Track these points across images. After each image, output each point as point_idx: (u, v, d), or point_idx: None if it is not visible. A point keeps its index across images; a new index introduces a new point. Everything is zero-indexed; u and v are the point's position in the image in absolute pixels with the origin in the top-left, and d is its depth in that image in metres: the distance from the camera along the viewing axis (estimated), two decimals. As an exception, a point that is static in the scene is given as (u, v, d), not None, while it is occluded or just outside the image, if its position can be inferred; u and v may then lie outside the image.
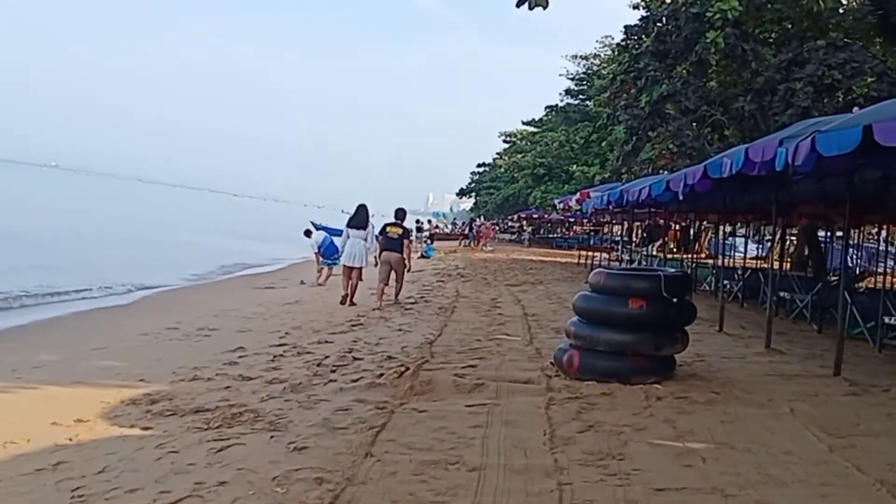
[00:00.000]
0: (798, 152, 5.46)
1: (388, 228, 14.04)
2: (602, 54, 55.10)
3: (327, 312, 12.97)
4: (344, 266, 14.26)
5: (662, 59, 19.25)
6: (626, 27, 21.58)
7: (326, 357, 8.28)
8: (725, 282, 17.33)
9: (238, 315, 13.01)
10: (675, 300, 6.75)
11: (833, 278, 19.71)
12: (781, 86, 16.70)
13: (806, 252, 32.27)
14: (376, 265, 14.02)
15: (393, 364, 7.71)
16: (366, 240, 14.08)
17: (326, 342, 9.54)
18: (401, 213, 14.73)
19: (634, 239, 38.22)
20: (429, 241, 35.07)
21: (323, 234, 20.38)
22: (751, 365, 8.04)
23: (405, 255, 13.93)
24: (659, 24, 19.26)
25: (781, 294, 13.76)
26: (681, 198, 9.40)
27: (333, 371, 7.46)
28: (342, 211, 59.80)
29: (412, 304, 14.07)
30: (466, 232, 49.75)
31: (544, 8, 5.14)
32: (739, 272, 18.59)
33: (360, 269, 14.12)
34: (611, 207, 17.92)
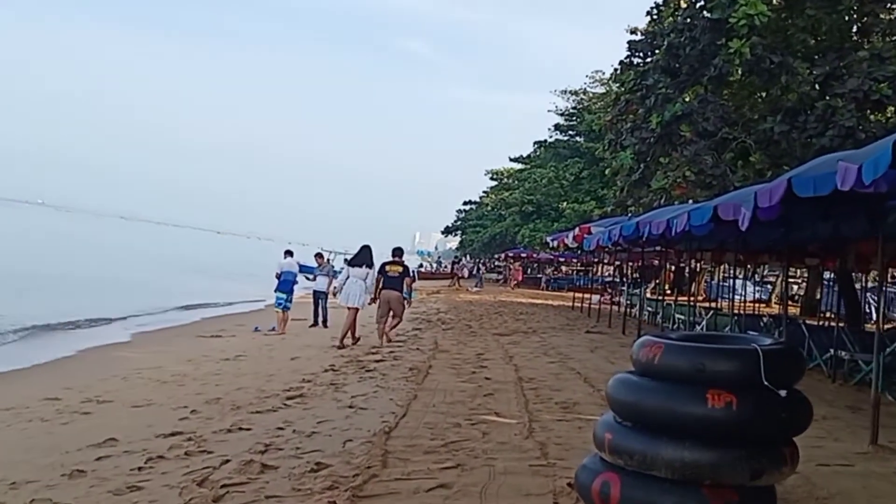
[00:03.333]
0: None
1: (387, 267, 13.90)
2: (591, 90, 53.08)
3: (266, 375, 10.17)
4: (347, 307, 13.87)
5: (675, 75, 16.71)
6: (629, 42, 19.04)
7: (226, 462, 5.47)
8: (754, 334, 14.67)
9: (152, 378, 10.22)
10: (781, 392, 4.01)
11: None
12: (819, 103, 14.15)
13: (818, 296, 29.75)
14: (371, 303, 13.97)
15: (319, 480, 4.91)
16: (365, 279, 13.82)
17: (241, 429, 6.71)
18: (398, 251, 14.59)
19: (626, 280, 35.74)
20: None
21: (295, 266, 17.66)
22: (874, 481, 5.26)
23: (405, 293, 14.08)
24: (670, 37, 16.73)
25: (839, 353, 11.08)
26: (743, 227, 6.69)
27: (219, 498, 4.64)
28: (320, 248, 56.99)
29: (377, 361, 11.29)
30: (469, 272, 47.11)
31: None
32: (768, 321, 15.92)
33: (357, 309, 13.79)
34: (618, 243, 15.22)
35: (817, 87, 14.60)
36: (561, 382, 9.50)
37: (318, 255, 19.54)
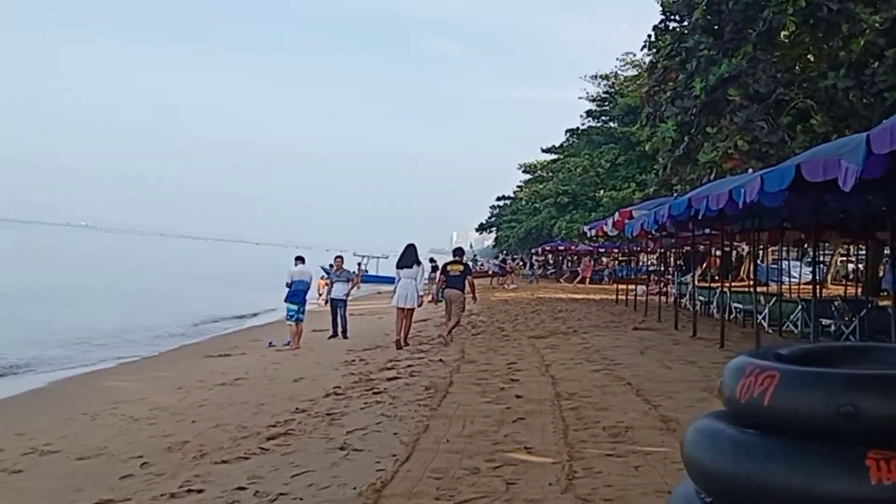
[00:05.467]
0: None
1: (448, 267, 14.52)
2: (622, 73, 51.22)
3: (256, 405, 8.60)
4: (397, 308, 13.68)
5: (717, 35, 14.86)
6: (663, 4, 17.21)
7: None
8: (827, 321, 12.80)
9: (126, 414, 8.78)
10: None
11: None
12: (889, 52, 12.27)
13: (881, 274, 27.47)
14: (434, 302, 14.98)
15: None
16: (415, 279, 13.82)
17: (190, 491, 5.15)
18: (459, 252, 15.25)
19: (671, 268, 33.72)
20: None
21: (307, 274, 16.06)
22: None
23: (467, 291, 14.36)
24: (710, -7, 14.86)
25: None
26: (847, 187, 4.95)
27: None
28: (353, 254, 55.81)
29: (390, 379, 9.66)
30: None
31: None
32: (840, 306, 13.99)
33: (412, 309, 13.86)
34: (664, 227, 13.44)
35: (886, 35, 12.68)
36: (608, 398, 7.78)
37: (338, 258, 17.88)
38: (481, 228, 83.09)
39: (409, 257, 13.98)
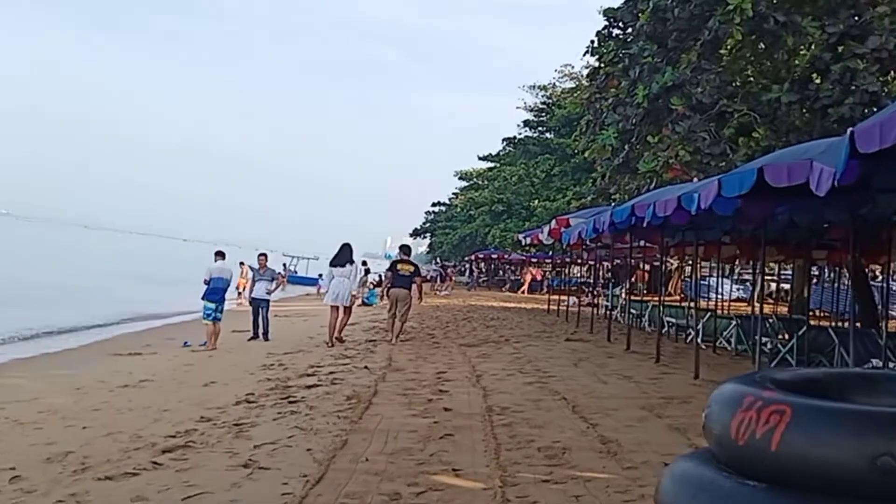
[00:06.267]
0: None
1: (398, 266, 14.26)
2: (560, 85, 51.34)
3: (158, 410, 7.78)
4: (330, 306, 13.65)
5: (662, 43, 14.55)
6: (606, 11, 16.87)
7: None
8: (764, 339, 12.50)
9: (11, 416, 7.88)
10: None
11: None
12: (835, 66, 12.09)
13: (805, 293, 27.77)
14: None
15: None
16: (349, 278, 13.85)
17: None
18: (406, 249, 15.27)
19: (601, 280, 33.60)
20: (371, 287, 29.89)
21: (227, 272, 15.12)
22: None
23: (416, 293, 14.31)
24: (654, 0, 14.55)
25: (889, 367, 8.94)
26: (821, 192, 4.46)
27: None
28: (283, 254, 54.65)
29: (311, 385, 8.95)
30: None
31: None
32: (774, 324, 13.78)
33: (347, 308, 13.87)
34: (601, 237, 13.04)
35: (833, 49, 12.51)
36: (542, 414, 7.23)
37: (261, 256, 16.95)
38: (415, 234, 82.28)
39: (343, 256, 13.85)
